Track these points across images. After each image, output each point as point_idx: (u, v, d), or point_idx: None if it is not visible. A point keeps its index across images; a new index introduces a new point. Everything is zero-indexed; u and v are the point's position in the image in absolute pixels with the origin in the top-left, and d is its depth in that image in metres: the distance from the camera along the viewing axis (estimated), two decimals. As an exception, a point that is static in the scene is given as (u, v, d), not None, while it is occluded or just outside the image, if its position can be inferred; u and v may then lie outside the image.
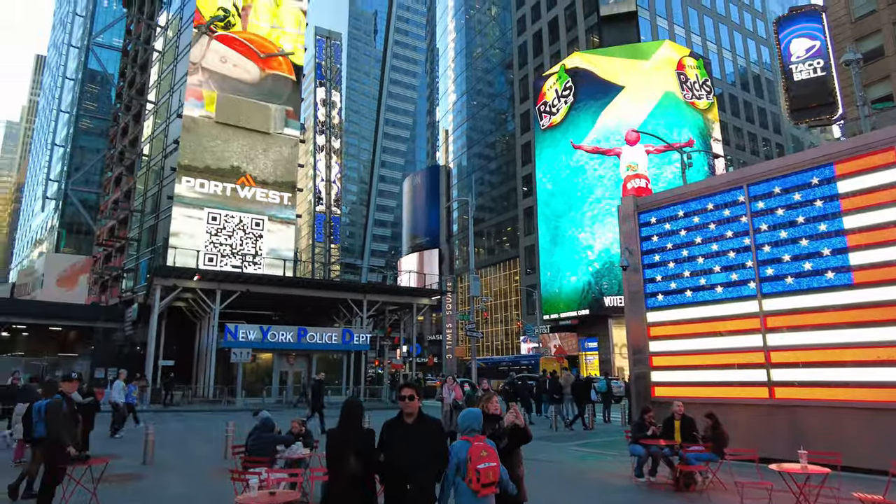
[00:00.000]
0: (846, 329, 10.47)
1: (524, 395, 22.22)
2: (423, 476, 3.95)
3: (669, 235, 13.47)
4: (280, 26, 46.93)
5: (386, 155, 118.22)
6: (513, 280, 60.86)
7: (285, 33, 47.36)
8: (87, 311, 46.81)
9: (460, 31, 79.81)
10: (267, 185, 43.73)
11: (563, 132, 46.69)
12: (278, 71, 46.16)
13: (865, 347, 10.20)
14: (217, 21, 43.92)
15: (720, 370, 12.13)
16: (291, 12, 48.37)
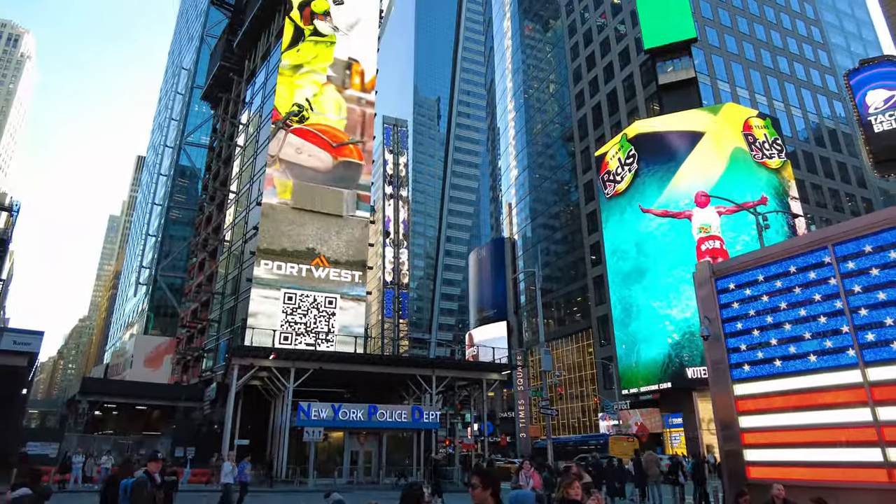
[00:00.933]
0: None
1: (609, 478, 20.41)
2: None
3: (751, 301, 12.68)
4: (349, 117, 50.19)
5: (451, 230, 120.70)
6: (586, 352, 58.72)
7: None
8: (170, 391, 48.85)
9: (519, 110, 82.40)
10: (339, 265, 45.30)
11: (628, 199, 46.18)
12: (349, 158, 48.88)
13: None
14: (292, 116, 47.55)
15: (825, 448, 10.93)
16: (360, 104, 51.77)
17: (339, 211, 46.88)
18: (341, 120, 49.39)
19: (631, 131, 47.96)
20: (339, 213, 46.85)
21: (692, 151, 43.36)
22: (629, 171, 46.36)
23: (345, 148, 48.85)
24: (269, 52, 54.64)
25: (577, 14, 68.20)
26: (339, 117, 49.38)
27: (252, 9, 59.19)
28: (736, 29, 57.88)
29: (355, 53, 52.28)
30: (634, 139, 46.90)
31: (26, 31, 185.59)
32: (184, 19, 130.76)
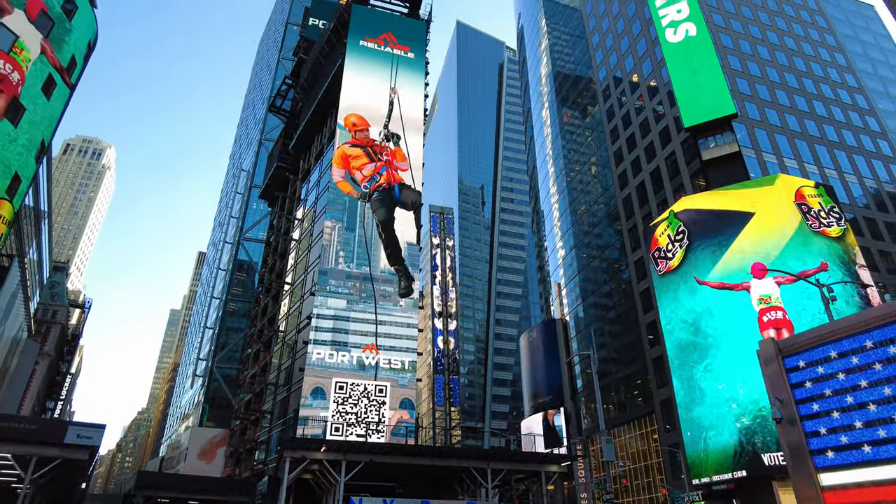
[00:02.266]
0: None
1: None
2: None
3: (825, 380, 11.82)
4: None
5: (500, 313, 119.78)
6: (651, 439, 55.22)
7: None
8: (222, 485, 48.32)
9: (562, 192, 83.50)
10: (389, 352, 45.29)
11: (682, 275, 44.99)
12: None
13: None
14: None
15: (935, 549, 9.67)
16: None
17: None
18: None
19: (678, 207, 47.56)
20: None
21: (744, 224, 42.39)
22: (680, 247, 45.50)
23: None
24: (322, 151, 58.13)
25: (614, 99, 70.23)
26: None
27: (306, 114, 63.81)
28: (776, 102, 58.09)
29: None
30: (682, 215, 46.40)
31: (109, 146, 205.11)
32: (244, 126, 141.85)
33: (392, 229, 49.18)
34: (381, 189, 49.86)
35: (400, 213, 49.90)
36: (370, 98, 53.81)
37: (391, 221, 49.39)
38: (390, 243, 48.86)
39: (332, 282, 46.88)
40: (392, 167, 51.09)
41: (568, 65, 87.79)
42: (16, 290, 36.45)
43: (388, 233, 48.94)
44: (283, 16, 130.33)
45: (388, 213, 49.48)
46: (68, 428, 29.26)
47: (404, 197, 50.53)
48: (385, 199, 49.80)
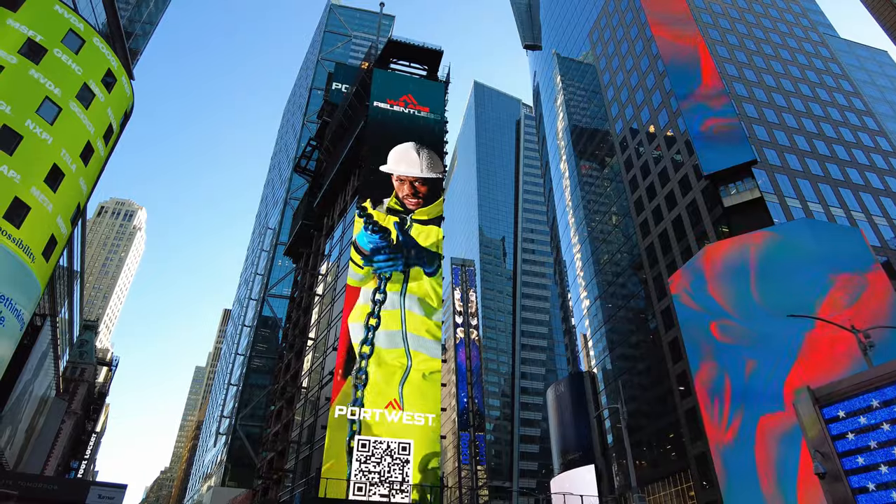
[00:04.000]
0: None
1: None
2: None
3: (869, 432, 11.27)
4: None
5: (525, 366, 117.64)
6: (687, 496, 52.54)
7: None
8: (245, 550, 46.99)
9: (584, 243, 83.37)
10: (413, 408, 44.54)
11: (710, 324, 44.07)
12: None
13: None
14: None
15: None
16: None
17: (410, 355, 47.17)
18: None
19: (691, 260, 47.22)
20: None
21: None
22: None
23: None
24: (346, 208, 59.39)
25: (631, 150, 70.94)
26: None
27: (329, 174, 65.67)
28: (795, 147, 58.03)
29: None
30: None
31: (140, 208, 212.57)
32: (270, 186, 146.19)
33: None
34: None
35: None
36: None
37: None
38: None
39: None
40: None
41: (584, 119, 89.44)
42: (46, 349, 37.18)
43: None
44: (308, 81, 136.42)
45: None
46: (90, 488, 29.12)
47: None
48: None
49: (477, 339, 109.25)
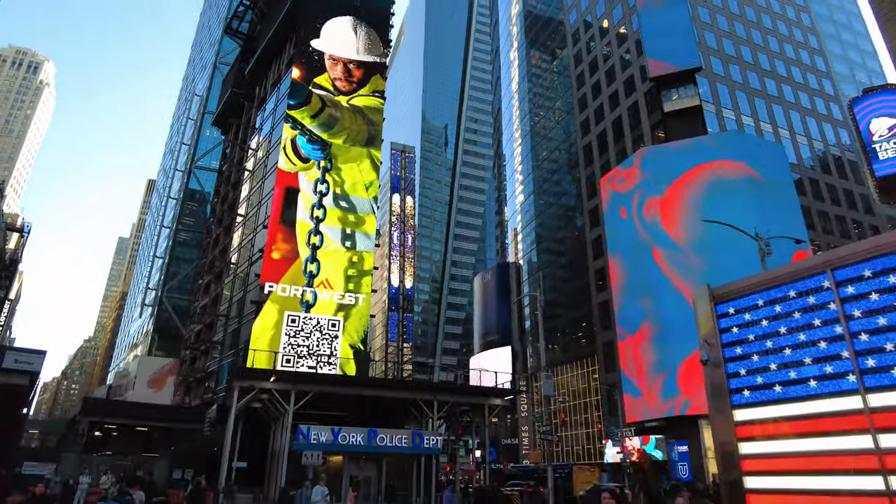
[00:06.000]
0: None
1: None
2: None
3: (750, 326, 12.56)
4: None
5: (457, 255, 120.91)
6: (591, 379, 58.08)
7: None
8: (170, 413, 48.56)
9: (525, 137, 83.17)
10: (344, 288, 45.33)
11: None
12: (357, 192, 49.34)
13: None
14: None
15: (826, 476, 10.70)
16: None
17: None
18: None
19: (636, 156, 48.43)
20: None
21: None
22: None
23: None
24: (280, 79, 55.66)
25: (583, 43, 69.24)
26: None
27: (263, 38, 60.52)
28: (740, 58, 58.52)
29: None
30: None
31: (46, 60, 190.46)
32: (198, 48, 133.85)
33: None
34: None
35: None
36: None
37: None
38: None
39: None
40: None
41: (539, 5, 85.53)
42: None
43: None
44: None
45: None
46: (6, 353, 28.55)
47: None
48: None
49: (412, 226, 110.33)
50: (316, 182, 46.74)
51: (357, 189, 48.35)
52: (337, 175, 47.84)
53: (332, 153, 48.08)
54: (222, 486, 27.67)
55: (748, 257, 27.62)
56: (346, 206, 47.43)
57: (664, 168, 44.74)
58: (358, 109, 50.32)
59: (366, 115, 50.58)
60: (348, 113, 49.70)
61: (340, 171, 48.05)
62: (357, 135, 49.74)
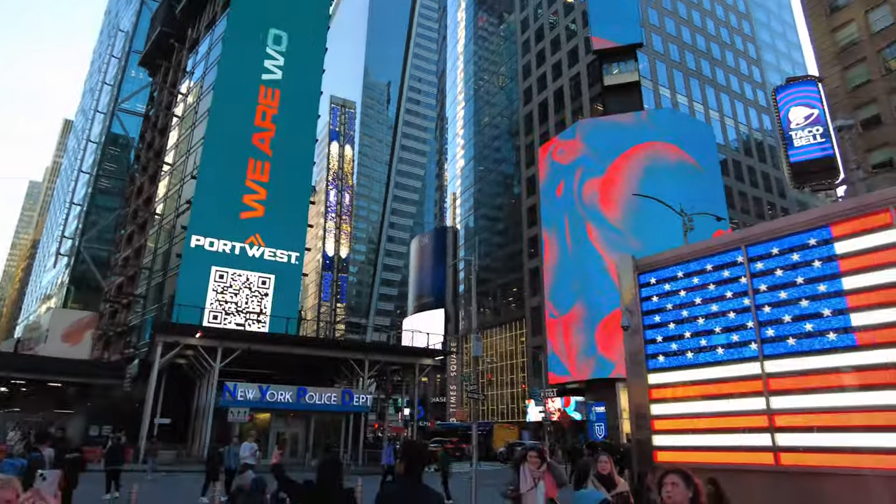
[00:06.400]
0: (853, 392, 10.13)
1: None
2: None
3: (669, 296, 13.33)
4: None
5: (395, 216, 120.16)
6: (519, 341, 60.09)
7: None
8: (87, 368, 46.44)
9: (469, 101, 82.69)
10: (276, 245, 44.22)
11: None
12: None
13: (873, 411, 9.82)
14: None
15: (724, 434, 11.69)
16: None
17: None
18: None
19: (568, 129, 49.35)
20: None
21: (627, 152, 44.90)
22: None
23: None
24: (215, 20, 52.40)
25: (530, 10, 68.89)
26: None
27: (196, -28, 56.54)
28: (680, 38, 60.08)
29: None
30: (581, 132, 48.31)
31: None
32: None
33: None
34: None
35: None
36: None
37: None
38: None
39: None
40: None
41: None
42: None
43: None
44: None
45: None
46: None
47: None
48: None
49: (350, 184, 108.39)
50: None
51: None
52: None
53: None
54: (143, 443, 27.00)
55: (680, 240, 29.07)
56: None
57: (605, 144, 45.64)
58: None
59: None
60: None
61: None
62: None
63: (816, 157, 35.51)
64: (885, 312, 9.94)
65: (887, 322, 9.90)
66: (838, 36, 34.84)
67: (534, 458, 6.22)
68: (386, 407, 40.29)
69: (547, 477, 6.24)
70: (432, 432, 45.84)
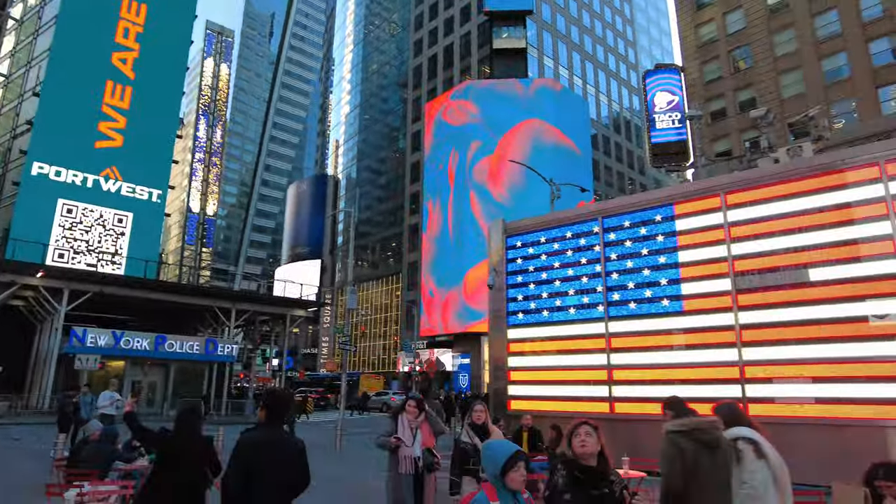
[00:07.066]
0: (679, 351, 11.80)
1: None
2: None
3: (532, 259, 14.41)
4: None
5: (271, 159, 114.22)
6: (395, 295, 61.05)
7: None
8: None
9: (358, 45, 79.78)
10: (135, 180, 40.37)
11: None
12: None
13: (694, 367, 11.54)
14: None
15: (570, 386, 13.09)
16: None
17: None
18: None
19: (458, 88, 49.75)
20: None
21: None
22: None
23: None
24: None
25: (427, -42, 67.17)
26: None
27: None
28: (567, 11, 62.18)
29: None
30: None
31: None
32: None
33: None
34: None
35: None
36: None
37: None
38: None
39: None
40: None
41: None
42: None
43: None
44: None
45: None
46: None
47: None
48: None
49: (222, 120, 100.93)
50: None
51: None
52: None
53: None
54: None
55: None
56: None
57: (497, 113, 45.55)
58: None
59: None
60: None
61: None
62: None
63: (673, 140, 39.20)
64: (706, 284, 11.63)
65: (707, 292, 11.59)
66: (701, 32, 38.21)
67: (412, 407, 6.07)
68: (253, 357, 39.31)
69: (424, 427, 6.16)
70: (299, 383, 45.80)
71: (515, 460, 2.74)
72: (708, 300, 11.64)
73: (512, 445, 2.77)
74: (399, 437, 5.86)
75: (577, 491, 2.99)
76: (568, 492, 3.02)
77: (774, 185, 11.12)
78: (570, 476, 3.06)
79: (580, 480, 3.02)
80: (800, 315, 10.44)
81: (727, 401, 4.07)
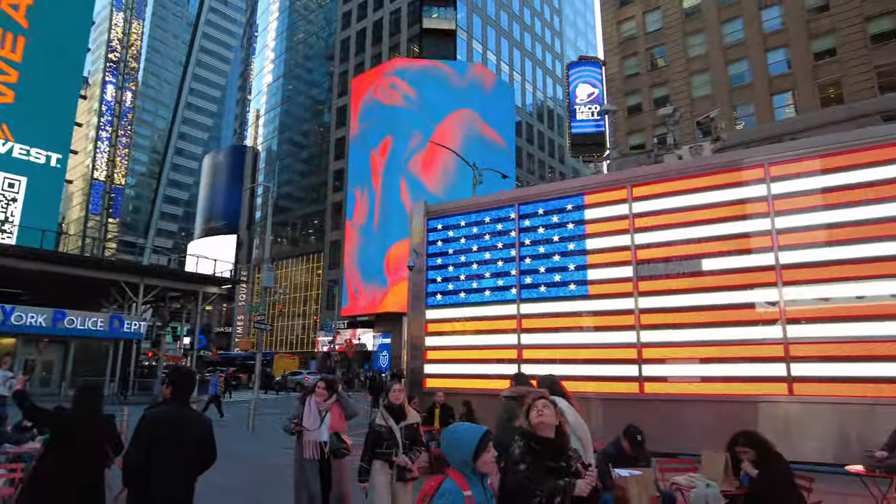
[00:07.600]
0: (583, 332, 12.55)
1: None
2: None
3: (451, 242, 14.74)
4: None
5: (187, 127, 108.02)
6: (315, 274, 60.01)
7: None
8: None
9: (284, 12, 76.60)
10: (30, 142, 37.03)
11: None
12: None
13: (597, 348, 12.32)
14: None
15: (482, 364, 13.61)
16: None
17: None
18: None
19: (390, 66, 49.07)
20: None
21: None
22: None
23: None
24: None
25: (358, -72, 65.27)
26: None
27: None
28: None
29: None
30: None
31: None
32: None
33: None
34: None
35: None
36: None
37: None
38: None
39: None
40: None
41: None
42: None
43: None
44: None
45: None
46: None
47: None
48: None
49: (133, 82, 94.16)
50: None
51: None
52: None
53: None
54: None
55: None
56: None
57: (432, 98, 45.19)
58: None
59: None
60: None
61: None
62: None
63: (591, 131, 40.83)
64: (610, 270, 12.41)
65: (610, 278, 12.39)
66: (622, 28, 39.78)
67: (321, 389, 5.78)
68: (163, 335, 37.50)
69: (335, 410, 5.82)
70: (210, 362, 44.33)
71: (486, 441, 2.59)
72: (611, 286, 12.42)
73: (479, 427, 2.66)
74: (298, 422, 5.67)
75: (534, 462, 2.93)
76: (523, 462, 2.95)
77: (675, 180, 11.99)
78: (526, 447, 3.00)
79: (537, 452, 2.97)
80: (692, 301, 11.39)
81: (550, 375, 4.67)
